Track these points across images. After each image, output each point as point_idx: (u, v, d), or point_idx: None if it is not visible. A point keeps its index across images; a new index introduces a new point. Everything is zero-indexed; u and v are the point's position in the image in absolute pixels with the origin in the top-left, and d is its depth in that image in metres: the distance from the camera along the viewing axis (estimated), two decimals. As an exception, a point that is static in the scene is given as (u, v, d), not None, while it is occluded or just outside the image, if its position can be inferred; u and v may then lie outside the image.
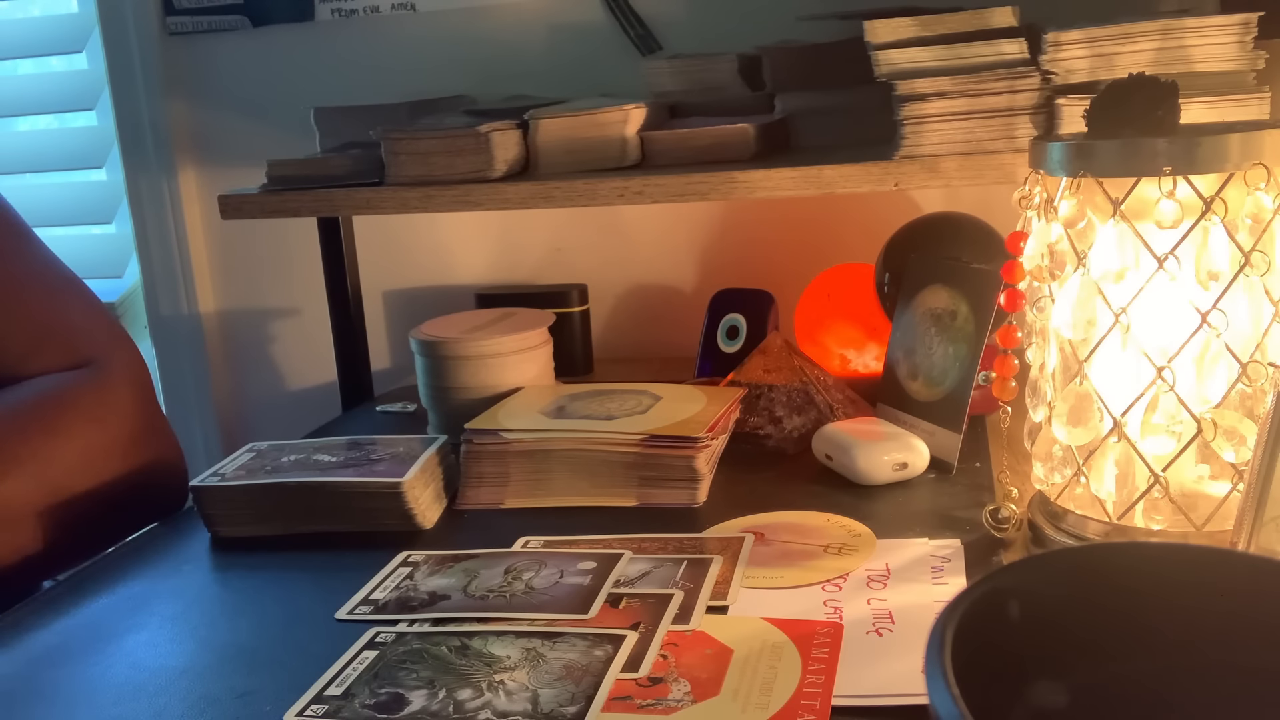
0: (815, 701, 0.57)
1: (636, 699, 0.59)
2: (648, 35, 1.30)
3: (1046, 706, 0.46)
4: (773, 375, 0.99)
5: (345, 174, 1.13)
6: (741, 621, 0.67)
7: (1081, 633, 0.47)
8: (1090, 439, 0.71)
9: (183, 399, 1.54)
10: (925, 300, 0.95)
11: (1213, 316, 0.66)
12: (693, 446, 0.86)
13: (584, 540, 0.80)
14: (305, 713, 0.60)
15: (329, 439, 0.96)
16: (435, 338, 1.03)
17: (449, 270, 1.45)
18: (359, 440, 0.94)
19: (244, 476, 0.87)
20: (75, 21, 1.53)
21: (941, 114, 0.91)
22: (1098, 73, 0.89)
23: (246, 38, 1.44)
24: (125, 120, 1.50)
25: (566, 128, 1.07)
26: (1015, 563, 0.51)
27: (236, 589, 0.77)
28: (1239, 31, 0.87)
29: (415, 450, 0.90)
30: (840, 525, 0.80)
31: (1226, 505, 0.68)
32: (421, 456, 0.88)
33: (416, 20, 1.37)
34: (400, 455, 0.89)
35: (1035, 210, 0.72)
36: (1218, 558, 0.52)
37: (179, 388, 1.55)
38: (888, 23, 0.95)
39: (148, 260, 1.53)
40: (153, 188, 1.51)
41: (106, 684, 0.66)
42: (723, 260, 1.35)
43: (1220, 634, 0.46)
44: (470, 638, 0.66)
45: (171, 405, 1.53)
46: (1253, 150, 0.65)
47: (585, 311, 1.30)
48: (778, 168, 0.96)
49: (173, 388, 1.55)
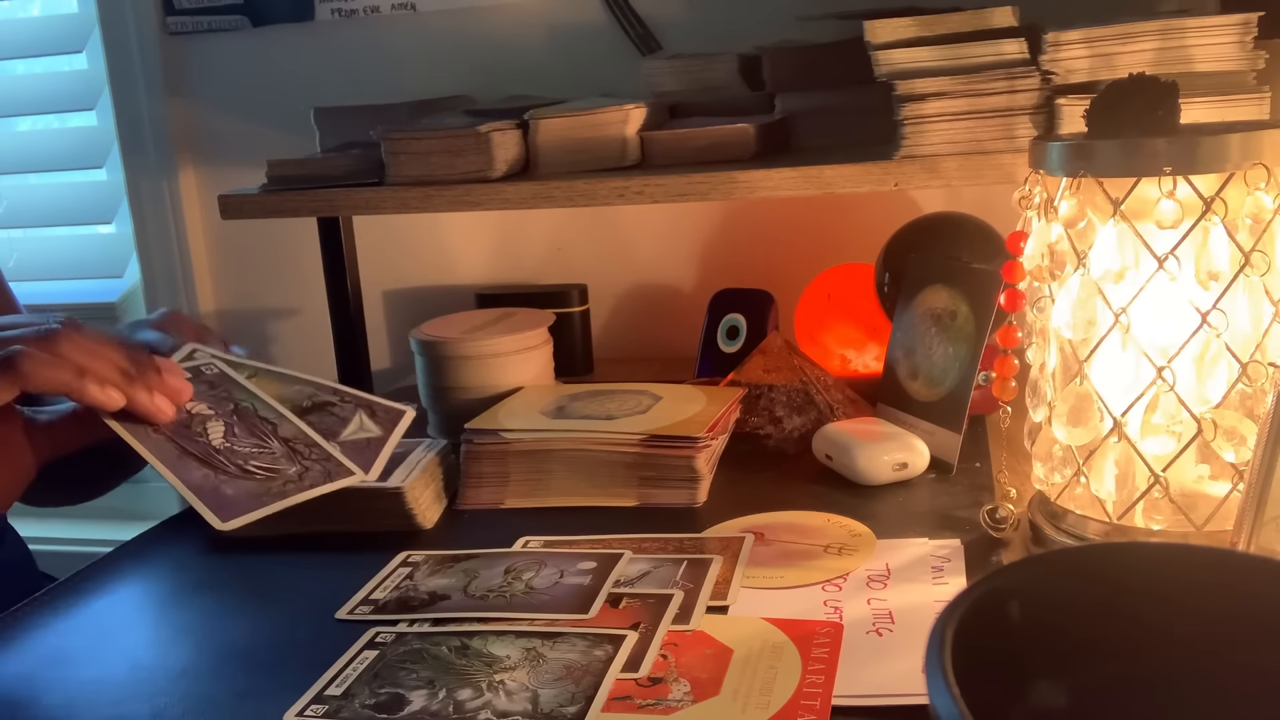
0: (815, 701, 0.57)
1: (636, 699, 0.59)
2: (648, 35, 1.30)
3: (1046, 706, 0.46)
4: (773, 375, 0.99)
5: (345, 174, 1.13)
6: (741, 621, 0.67)
7: (1081, 633, 0.47)
8: (1090, 439, 0.71)
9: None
10: (925, 300, 0.95)
11: (1213, 316, 0.66)
12: (693, 446, 0.86)
13: (584, 540, 0.80)
14: (305, 713, 0.60)
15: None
16: (435, 338, 1.03)
17: (449, 270, 1.45)
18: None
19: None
20: (75, 21, 1.53)
21: (941, 114, 0.92)
22: (1098, 73, 0.89)
23: (246, 38, 1.44)
24: (125, 120, 1.50)
25: (566, 128, 1.07)
26: (1015, 563, 0.51)
27: (236, 589, 0.77)
28: (1239, 31, 0.87)
29: (415, 451, 0.90)
30: (840, 525, 0.80)
31: (1226, 505, 0.68)
32: (422, 457, 0.88)
33: (416, 20, 1.37)
34: (400, 456, 0.89)
35: (1035, 210, 0.72)
36: (1218, 558, 0.52)
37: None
38: (888, 23, 0.95)
39: (148, 260, 1.53)
40: (153, 188, 1.51)
41: (106, 684, 0.66)
42: (723, 260, 1.35)
43: (1220, 634, 0.46)
44: (470, 638, 0.66)
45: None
46: (1253, 150, 0.65)
47: (585, 311, 1.30)
48: (778, 168, 0.96)
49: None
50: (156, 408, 0.72)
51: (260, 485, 0.71)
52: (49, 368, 0.67)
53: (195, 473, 0.71)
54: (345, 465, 0.75)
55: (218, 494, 0.70)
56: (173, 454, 0.71)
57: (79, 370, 0.68)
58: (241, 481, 0.71)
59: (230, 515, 0.68)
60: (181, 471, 0.70)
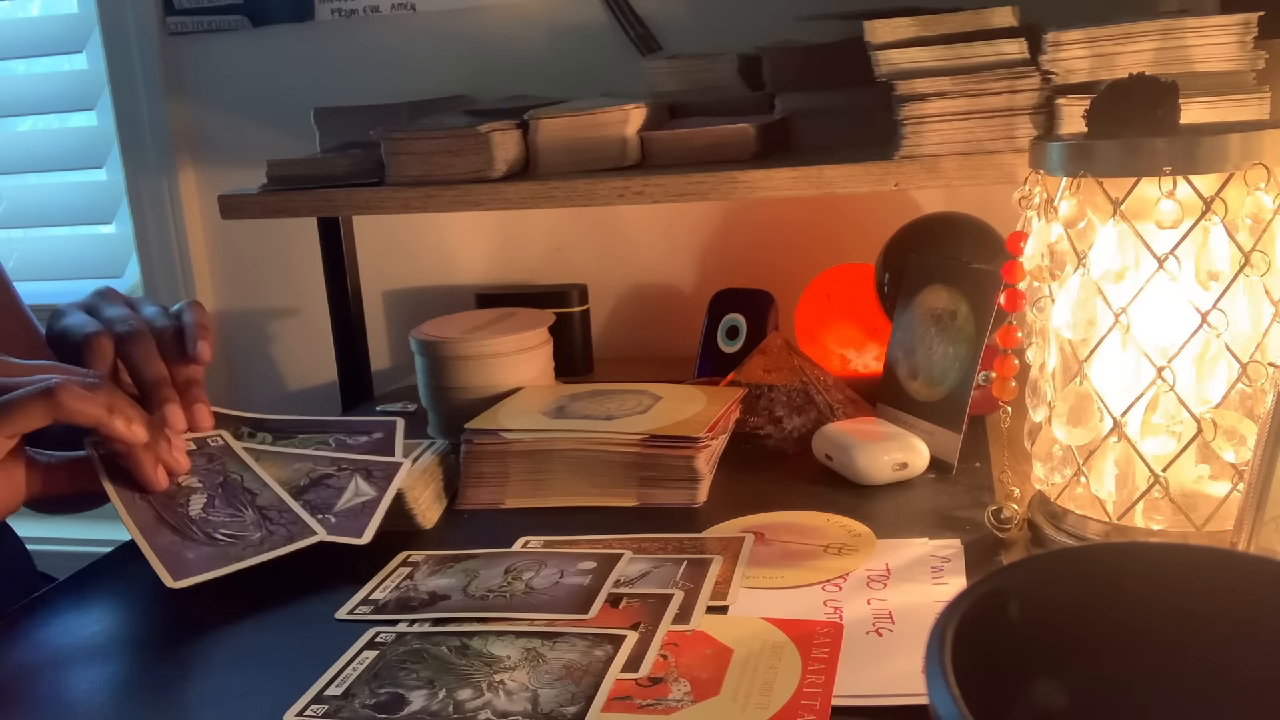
0: (815, 701, 0.57)
1: (636, 699, 0.59)
2: (648, 35, 1.30)
3: (1046, 706, 0.46)
4: (773, 375, 0.99)
5: (345, 174, 1.13)
6: (741, 621, 0.67)
7: (1082, 633, 0.47)
8: (1090, 439, 0.71)
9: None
10: (925, 300, 0.95)
11: (1213, 316, 0.66)
12: (693, 446, 0.86)
13: (584, 540, 0.80)
14: (305, 713, 0.60)
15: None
16: (435, 338, 1.03)
17: (449, 270, 1.45)
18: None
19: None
20: (75, 21, 1.53)
21: (941, 114, 0.92)
22: (1098, 73, 0.89)
23: (246, 38, 1.44)
24: (125, 120, 1.50)
25: (566, 128, 1.07)
26: (1015, 563, 0.51)
27: (236, 589, 0.77)
28: (1239, 31, 0.87)
29: (415, 451, 0.90)
30: (840, 525, 0.80)
31: (1226, 505, 0.68)
32: (422, 457, 0.88)
33: (416, 20, 1.37)
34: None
35: (1035, 210, 0.72)
36: (1218, 558, 0.52)
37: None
38: (888, 23, 0.95)
39: (148, 260, 1.53)
40: (153, 188, 1.51)
41: (106, 684, 0.66)
42: (723, 260, 1.35)
43: (1220, 634, 0.46)
44: (470, 638, 0.66)
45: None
46: (1253, 150, 0.65)
47: (585, 311, 1.30)
48: (778, 168, 0.96)
49: (173, 388, 1.55)
50: (157, 479, 0.75)
51: (220, 550, 0.74)
52: (84, 401, 0.70)
53: (165, 538, 0.74)
54: (308, 526, 0.77)
55: (179, 558, 0.73)
56: (150, 519, 0.75)
57: (109, 407, 0.71)
58: (204, 547, 0.74)
59: (182, 575, 0.72)
60: (151, 536, 0.73)
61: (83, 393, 0.70)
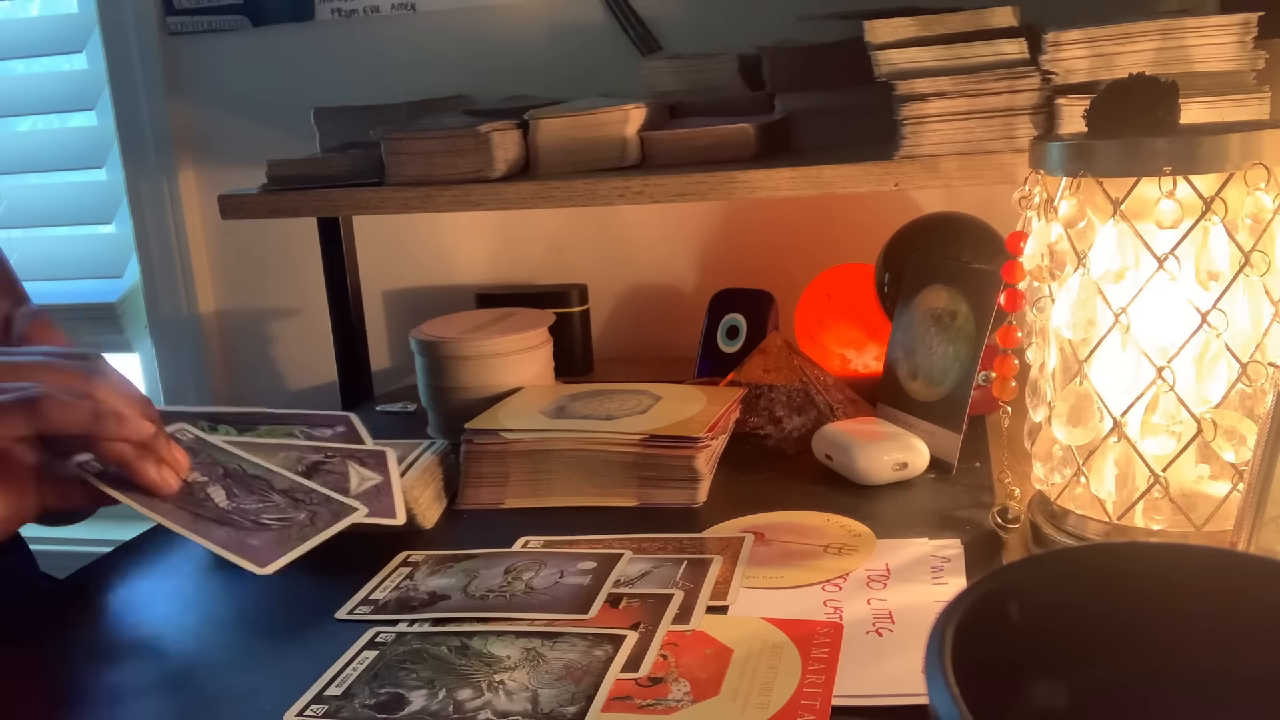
0: (815, 701, 0.57)
1: (636, 699, 0.59)
2: (648, 35, 1.30)
3: (1046, 706, 0.46)
4: (773, 375, 0.99)
5: (345, 174, 1.13)
6: (741, 621, 0.67)
7: (1082, 633, 0.47)
8: (1090, 439, 0.71)
9: (182, 399, 1.54)
10: (925, 300, 0.95)
11: (1213, 316, 0.66)
12: (693, 446, 0.86)
13: (584, 540, 0.80)
14: (305, 713, 0.60)
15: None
16: (435, 338, 1.03)
17: (449, 270, 1.45)
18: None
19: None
20: (75, 21, 1.53)
21: (941, 114, 0.91)
22: (1098, 73, 0.89)
23: (246, 38, 1.44)
24: (125, 120, 1.50)
25: (566, 128, 1.07)
26: (1015, 563, 0.51)
27: (237, 589, 0.77)
28: (1239, 31, 0.87)
29: (415, 451, 0.90)
30: (840, 525, 0.80)
31: (1226, 505, 0.68)
32: (422, 457, 0.88)
33: (416, 20, 1.37)
34: (399, 457, 0.89)
35: (1035, 210, 0.72)
36: (1218, 558, 0.52)
37: (179, 388, 1.55)
38: (888, 23, 0.95)
39: (148, 260, 1.53)
40: (153, 188, 1.51)
41: (106, 684, 0.66)
42: (723, 260, 1.35)
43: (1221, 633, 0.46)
44: (470, 638, 0.66)
45: (171, 405, 1.53)
46: (1253, 150, 0.65)
47: (585, 311, 1.30)
48: (778, 168, 0.96)
49: (172, 388, 1.55)
50: (164, 481, 0.72)
51: (279, 534, 0.73)
52: (68, 410, 0.66)
53: (217, 532, 0.72)
54: (346, 504, 0.77)
55: (245, 546, 0.71)
56: (188, 519, 0.72)
57: (95, 414, 0.67)
58: (262, 533, 0.73)
59: (266, 561, 0.70)
60: (204, 533, 0.71)
61: (65, 400, 0.66)
